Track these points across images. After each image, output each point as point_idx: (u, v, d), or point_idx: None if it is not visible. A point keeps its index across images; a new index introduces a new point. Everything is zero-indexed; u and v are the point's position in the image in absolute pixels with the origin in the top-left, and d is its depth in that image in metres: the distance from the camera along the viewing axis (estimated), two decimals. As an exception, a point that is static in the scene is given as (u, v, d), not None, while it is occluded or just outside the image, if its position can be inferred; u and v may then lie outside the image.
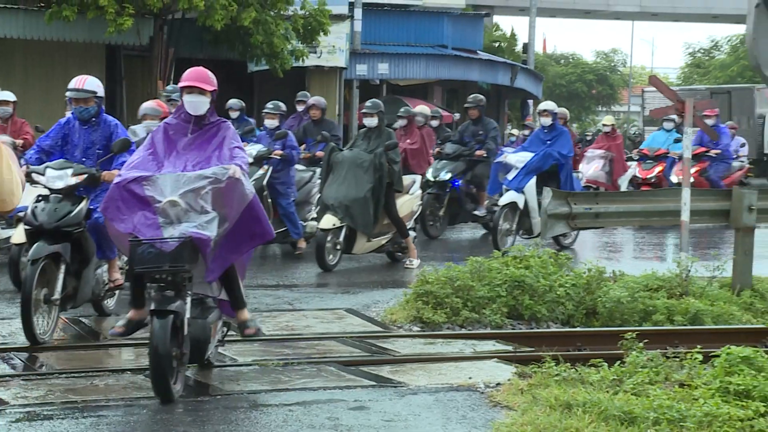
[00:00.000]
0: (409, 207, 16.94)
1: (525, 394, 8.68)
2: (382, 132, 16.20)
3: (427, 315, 12.16)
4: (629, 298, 12.60)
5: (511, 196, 18.13)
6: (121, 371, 9.73)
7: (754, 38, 6.43)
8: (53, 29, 24.71)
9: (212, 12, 24.12)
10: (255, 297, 13.71)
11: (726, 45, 69.58)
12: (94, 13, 23.76)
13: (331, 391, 9.01)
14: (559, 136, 18.71)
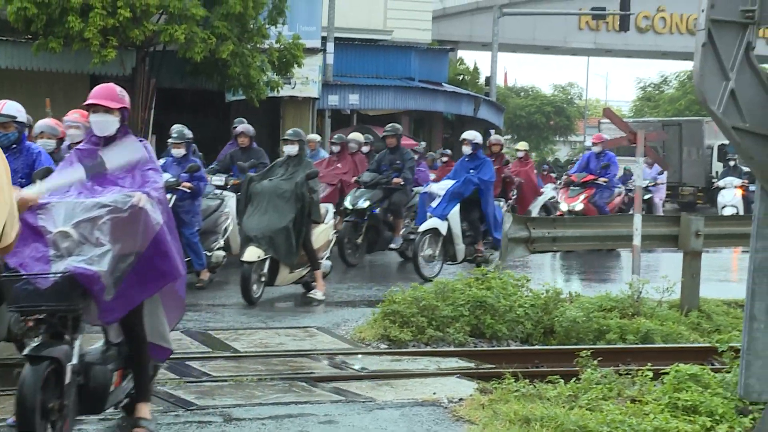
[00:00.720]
0: (325, 237, 15.90)
1: (486, 409, 8.68)
2: (302, 161, 15.14)
3: (394, 333, 12.16)
4: (584, 318, 12.62)
5: (433, 222, 17.55)
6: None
7: (701, 75, 6.46)
8: (40, 60, 24.66)
9: (192, 45, 24.08)
10: (230, 315, 13.70)
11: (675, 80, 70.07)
12: (80, 45, 23.69)
13: (302, 405, 8.98)
14: (481, 164, 18.18)
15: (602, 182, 22.50)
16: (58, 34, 23.59)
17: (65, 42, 23.69)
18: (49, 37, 23.69)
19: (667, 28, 50.39)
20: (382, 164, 19.35)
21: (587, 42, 50.66)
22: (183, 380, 9.94)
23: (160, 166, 13.81)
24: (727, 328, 12.85)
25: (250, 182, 14.95)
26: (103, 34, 23.53)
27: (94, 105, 7.96)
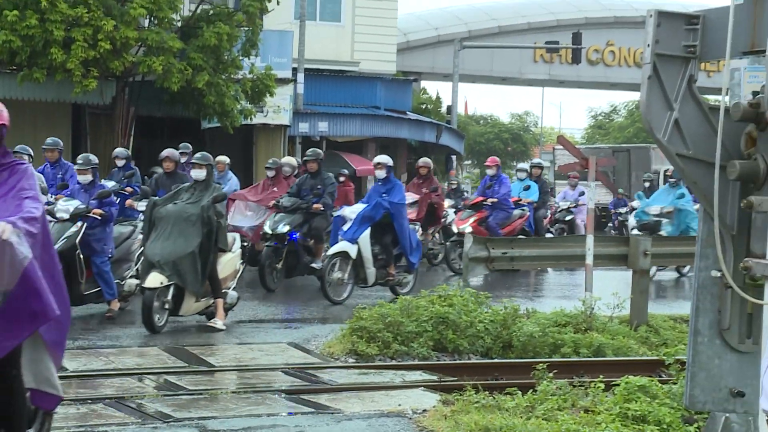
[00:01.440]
0: (231, 266, 14.49)
1: (448, 419, 8.69)
2: (210, 185, 13.94)
3: (362, 348, 12.16)
4: (540, 332, 12.65)
5: (342, 246, 16.51)
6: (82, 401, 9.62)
7: (647, 105, 6.51)
8: (24, 90, 24.58)
9: (169, 75, 24.08)
10: (205, 331, 13.65)
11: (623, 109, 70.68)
12: (62, 75, 23.66)
13: (274, 417, 8.98)
14: (392, 188, 17.15)
15: (489, 203, 21.31)
16: (42, 65, 23.58)
17: (48, 72, 23.68)
18: (33, 68, 23.68)
19: (616, 60, 50.72)
20: (303, 189, 18.00)
21: (542, 73, 50.90)
22: (160, 394, 9.91)
23: (68, 193, 14.64)
24: (673, 342, 12.90)
25: (154, 206, 13.69)
26: (84, 65, 23.53)
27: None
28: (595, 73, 51.11)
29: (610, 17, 50.14)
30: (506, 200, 21.58)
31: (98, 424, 8.56)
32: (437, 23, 47.76)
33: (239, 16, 25.87)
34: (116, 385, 10.32)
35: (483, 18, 48.52)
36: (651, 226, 20.44)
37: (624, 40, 50.04)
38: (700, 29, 6.55)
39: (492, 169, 21.85)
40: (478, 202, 21.28)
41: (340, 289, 16.57)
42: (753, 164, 6.26)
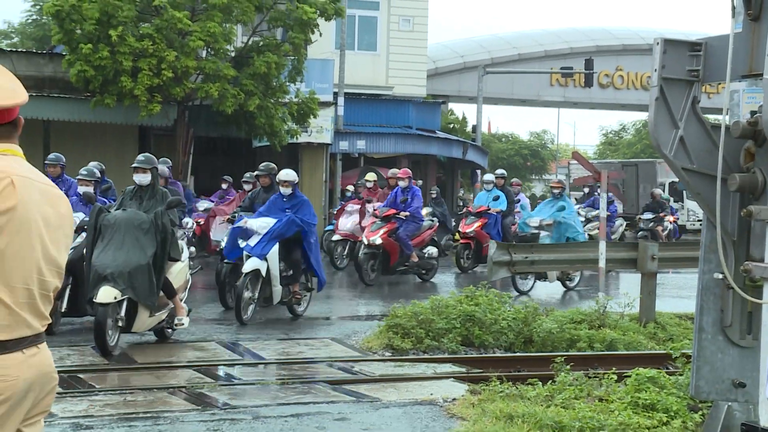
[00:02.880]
0: (183, 276, 12.50)
1: (476, 407, 8.67)
2: (156, 190, 11.93)
3: (397, 343, 12.16)
4: (558, 329, 12.61)
5: (255, 264, 13.96)
6: (149, 389, 9.66)
7: (655, 125, 6.49)
8: (96, 114, 24.74)
9: (224, 99, 24.20)
10: (256, 327, 13.66)
11: (631, 128, 70.31)
12: (130, 101, 23.82)
13: (319, 405, 8.97)
14: (300, 204, 14.66)
15: (403, 216, 19.05)
16: (112, 92, 23.74)
17: (118, 98, 23.84)
18: (105, 94, 23.84)
19: (625, 84, 50.46)
20: (255, 203, 15.74)
21: (557, 96, 50.74)
22: (218, 384, 9.95)
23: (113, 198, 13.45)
24: (679, 337, 12.82)
25: (100, 213, 11.50)
26: (149, 91, 23.66)
27: None
28: (605, 96, 50.91)
29: (618, 45, 49.93)
30: (418, 213, 19.70)
31: (164, 411, 8.60)
32: (463, 51, 47.70)
33: (286, 46, 25.93)
34: (179, 375, 10.39)
35: (504, 46, 48.45)
36: (529, 239, 18.30)
37: (631, 66, 49.82)
38: (702, 55, 6.52)
39: (404, 181, 19.60)
40: (390, 215, 19.02)
41: (246, 308, 14.00)
42: (752, 177, 6.23)
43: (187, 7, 24.39)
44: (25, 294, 3.66)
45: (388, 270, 19.13)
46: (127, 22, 23.45)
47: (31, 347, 3.69)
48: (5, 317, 3.59)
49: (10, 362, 3.59)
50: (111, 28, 23.19)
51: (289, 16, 25.76)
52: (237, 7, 24.49)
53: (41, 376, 3.74)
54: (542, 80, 48.70)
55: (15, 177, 3.62)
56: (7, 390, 3.58)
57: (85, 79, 23.64)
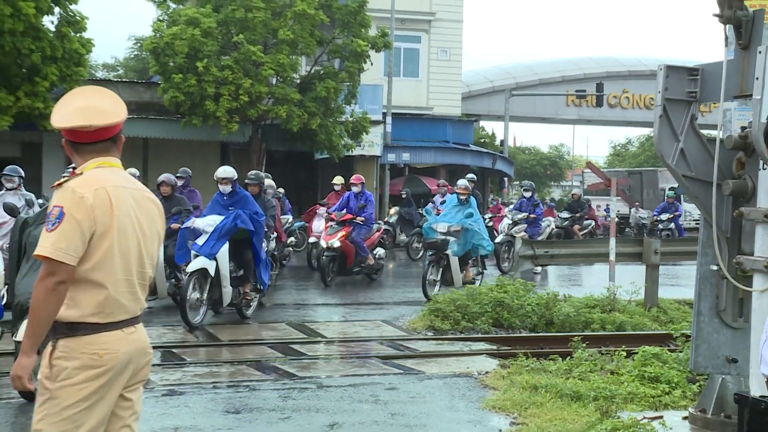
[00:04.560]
0: None
1: (505, 379, 8.64)
2: None
3: (438, 324, 12.13)
4: (575, 312, 12.54)
5: (202, 263, 11.54)
6: (231, 362, 9.73)
7: (659, 138, 6.45)
8: (185, 132, 24.99)
9: (291, 119, 24.34)
10: (319, 311, 13.68)
11: (636, 142, 69.66)
12: (213, 121, 24.03)
13: (372, 376, 8.97)
14: (242, 199, 12.26)
15: (360, 221, 16.92)
16: (198, 114, 23.98)
17: (203, 119, 24.04)
18: (192, 116, 24.07)
19: (630, 104, 49.99)
20: None
21: (573, 114, 50.41)
22: (287, 358, 9.98)
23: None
24: (678, 320, 12.68)
25: (24, 227, 7.74)
26: (229, 113, 23.87)
27: None
28: (614, 114, 50.50)
29: (625, 71, 49.54)
30: (372, 217, 17.46)
31: (243, 380, 8.65)
32: (492, 77, 47.54)
33: (343, 74, 26.01)
34: (256, 351, 10.43)
35: (527, 72, 48.23)
36: (439, 245, 15.06)
37: (636, 88, 49.40)
38: (699, 79, 6.49)
39: (357, 186, 17.33)
40: (348, 219, 16.88)
41: (195, 311, 11.67)
42: (743, 183, 6.19)
43: (260, 42, 24.55)
44: (125, 284, 3.77)
45: (345, 271, 16.93)
46: (211, 55, 23.66)
47: (129, 327, 3.81)
48: (107, 305, 3.72)
49: (111, 339, 3.72)
50: (198, 61, 23.43)
51: (345, 49, 25.86)
52: (302, 41, 24.63)
53: (138, 350, 3.84)
54: (560, 101, 48.40)
55: (109, 187, 3.74)
56: (110, 361, 3.71)
57: (177, 103, 23.91)
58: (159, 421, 6.93)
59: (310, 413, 7.38)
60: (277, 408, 7.52)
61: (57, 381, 3.66)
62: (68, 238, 3.60)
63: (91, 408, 3.69)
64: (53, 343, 3.70)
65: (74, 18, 22.87)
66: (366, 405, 7.71)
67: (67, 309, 3.67)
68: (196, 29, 23.55)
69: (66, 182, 3.74)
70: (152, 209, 3.98)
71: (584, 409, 7.35)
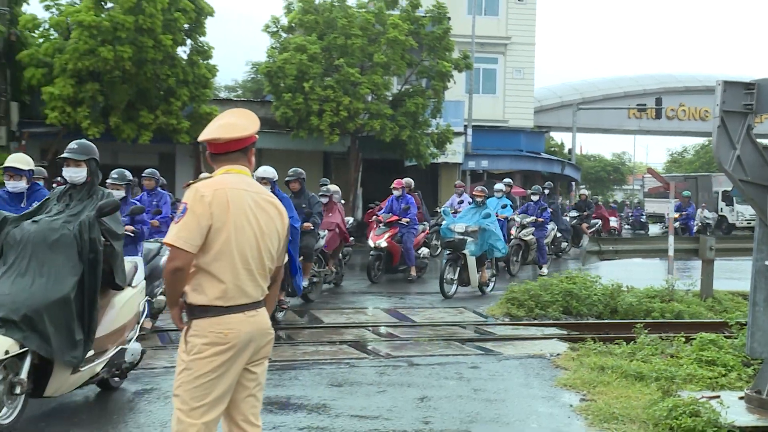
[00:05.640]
0: (132, 308, 6.93)
1: (575, 360, 8.51)
2: (94, 191, 6.50)
3: (513, 311, 12.03)
4: (637, 302, 12.28)
5: None
6: (333, 342, 9.79)
7: (717, 147, 6.26)
8: (294, 143, 25.26)
9: (384, 131, 24.40)
10: (409, 298, 13.66)
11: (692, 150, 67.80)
12: (317, 134, 24.25)
13: (456, 356, 8.94)
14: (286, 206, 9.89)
15: (404, 222, 15.76)
16: (305, 127, 24.24)
17: (309, 132, 24.29)
18: (299, 129, 24.35)
19: (687, 116, 48.66)
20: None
21: (634, 126, 49.33)
22: (382, 339, 10.02)
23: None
24: (732, 309, 12.28)
25: (4, 223, 6.19)
26: (331, 126, 24.06)
27: None
28: (671, 125, 49.24)
29: (681, 86, 48.27)
30: (415, 219, 16.25)
31: (344, 358, 8.70)
32: (561, 93, 46.88)
33: (429, 92, 25.96)
34: (354, 333, 10.49)
35: (592, 89, 47.43)
36: (456, 245, 13.94)
37: (692, 102, 48.09)
38: (755, 92, 6.28)
39: (398, 190, 16.19)
40: (393, 221, 15.78)
41: None
42: (795, 186, 5.96)
43: (358, 65, 24.69)
44: (245, 273, 3.84)
45: (391, 269, 16.01)
46: (316, 77, 23.90)
47: (251, 310, 3.89)
48: (229, 291, 3.80)
49: (233, 320, 3.80)
50: (305, 82, 23.69)
51: (431, 70, 25.81)
52: (394, 64, 24.69)
53: (259, 331, 3.90)
54: (622, 114, 47.44)
55: (228, 189, 3.84)
56: (233, 339, 3.79)
57: (287, 118, 24.21)
58: (274, 392, 7.02)
59: (403, 387, 7.38)
60: (374, 382, 7.54)
61: (191, 354, 3.79)
62: (188, 229, 3.73)
63: (218, 378, 3.80)
64: (188, 323, 3.82)
65: (203, 48, 23.53)
66: (451, 381, 7.67)
67: (196, 294, 3.81)
68: (303, 55, 23.82)
69: (193, 183, 3.87)
70: (271, 210, 4.03)
71: (647, 388, 7.19)
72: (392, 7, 25.80)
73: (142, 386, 7.25)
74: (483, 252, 14.04)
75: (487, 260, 14.32)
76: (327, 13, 24.87)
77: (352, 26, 24.38)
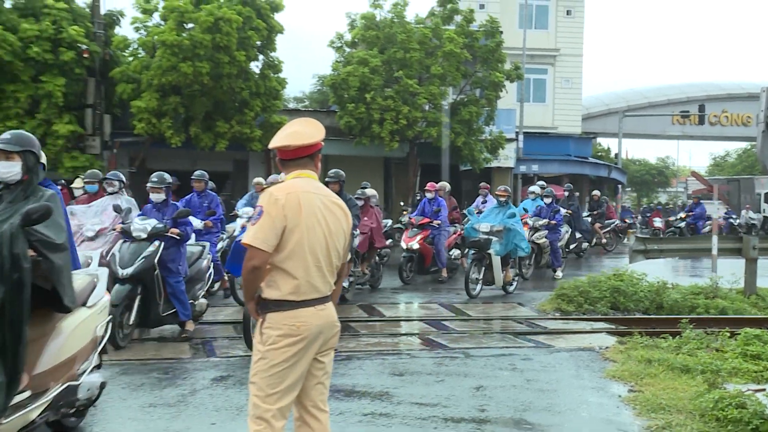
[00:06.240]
0: (86, 334, 4.97)
1: (623, 353, 8.34)
2: (32, 190, 4.66)
3: (563, 306, 11.87)
4: (682, 298, 12.01)
5: None
6: (394, 335, 9.75)
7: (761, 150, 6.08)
8: (357, 150, 25.31)
9: (440, 138, 24.33)
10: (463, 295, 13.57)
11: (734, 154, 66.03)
12: (378, 141, 24.27)
13: (510, 348, 8.85)
14: None
15: (436, 224, 15.04)
16: (367, 135, 24.28)
17: (370, 139, 24.33)
18: (362, 137, 24.40)
19: (729, 122, 47.41)
20: None
21: (677, 131, 48.28)
22: (440, 332, 9.97)
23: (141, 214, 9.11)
24: (775, 306, 11.94)
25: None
26: (391, 134, 24.05)
27: None
28: (714, 131, 48.05)
29: (724, 94, 47.07)
30: (446, 221, 15.52)
31: (404, 349, 8.69)
32: (608, 101, 46.12)
33: (483, 101, 25.76)
34: (414, 325, 10.47)
35: (637, 96, 46.56)
36: (482, 244, 13.20)
37: (734, 109, 46.86)
38: (799, 98, 6.06)
39: (431, 193, 15.50)
40: (425, 223, 15.08)
41: None
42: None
43: (416, 76, 24.64)
44: (316, 270, 3.86)
45: (423, 270, 15.32)
46: (377, 88, 23.92)
47: (320, 304, 3.90)
48: (301, 287, 3.82)
49: (305, 314, 3.82)
50: (366, 93, 23.74)
51: (485, 80, 25.64)
52: (450, 75, 24.60)
53: (327, 324, 3.92)
54: (666, 120, 46.48)
55: (300, 192, 3.87)
56: (305, 331, 3.82)
57: (350, 126, 24.29)
58: (340, 380, 7.04)
59: (460, 377, 7.33)
60: (433, 372, 7.51)
61: (266, 345, 3.81)
62: (264, 230, 3.75)
63: (291, 367, 3.82)
64: (263, 316, 3.84)
65: (273, 62, 23.83)
66: (505, 372, 7.60)
67: (271, 290, 3.83)
68: (365, 68, 23.87)
69: (267, 188, 3.92)
70: (338, 212, 4.05)
71: (693, 381, 7.01)
72: (448, 22, 25.77)
73: (219, 373, 7.35)
74: (507, 251, 13.44)
75: (510, 259, 13.69)
76: (387, 29, 24.89)
77: (411, 41, 24.36)
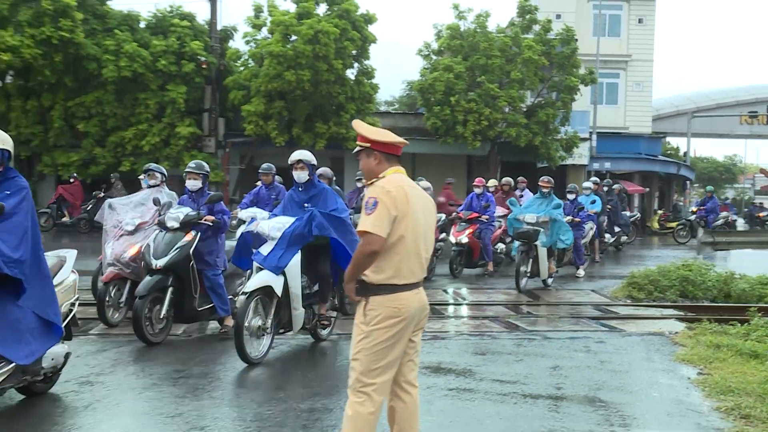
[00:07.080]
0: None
1: (692, 338, 8.04)
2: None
3: (635, 293, 11.52)
4: (749, 288, 11.45)
5: (266, 279, 6.60)
6: (476, 317, 9.67)
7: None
8: (442, 148, 25.23)
9: (519, 138, 24.01)
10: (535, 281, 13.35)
11: (801, 151, 62.92)
12: (462, 140, 24.14)
13: (584, 332, 8.66)
14: (320, 194, 7.14)
15: (484, 219, 13.89)
16: (451, 135, 24.16)
17: (455, 139, 24.20)
18: (447, 137, 24.30)
19: (797, 121, 45.10)
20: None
21: (745, 131, 46.05)
22: (518, 315, 9.85)
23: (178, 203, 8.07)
24: (844, 297, 11.23)
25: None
26: (473, 134, 23.87)
27: None
28: (782, 130, 45.73)
29: (792, 94, 44.73)
30: (494, 216, 14.34)
31: (486, 331, 8.62)
32: (676, 103, 44.42)
33: (558, 103, 25.28)
34: (494, 309, 10.38)
35: (705, 99, 44.65)
36: (530, 235, 12.11)
37: (802, 108, 44.45)
38: None
39: (479, 188, 14.31)
40: (474, 218, 13.98)
41: (257, 341, 6.66)
42: None
43: (497, 81, 24.39)
44: (415, 259, 3.86)
45: (471, 264, 14.04)
46: (461, 92, 23.78)
47: (416, 288, 3.89)
48: (403, 271, 3.83)
49: (405, 297, 3.83)
50: (451, 96, 23.63)
51: (560, 85, 25.15)
52: (528, 80, 24.27)
53: (421, 306, 3.92)
54: (733, 120, 44.38)
55: (405, 186, 3.88)
56: (404, 313, 3.82)
57: (436, 127, 24.23)
58: (427, 357, 7.04)
59: (537, 357, 7.22)
60: (512, 352, 7.42)
61: (370, 325, 3.82)
62: (381, 219, 3.74)
63: (392, 345, 3.83)
64: (366, 299, 3.85)
65: (367, 69, 24.04)
66: (580, 353, 7.44)
67: (375, 274, 3.82)
68: (450, 73, 23.74)
69: (377, 182, 3.88)
70: (429, 205, 4.06)
71: (761, 365, 6.69)
72: (527, 31, 25.38)
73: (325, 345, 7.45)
74: (551, 243, 12.41)
75: (555, 250, 12.70)
76: (471, 38, 24.68)
77: (492, 49, 24.09)
